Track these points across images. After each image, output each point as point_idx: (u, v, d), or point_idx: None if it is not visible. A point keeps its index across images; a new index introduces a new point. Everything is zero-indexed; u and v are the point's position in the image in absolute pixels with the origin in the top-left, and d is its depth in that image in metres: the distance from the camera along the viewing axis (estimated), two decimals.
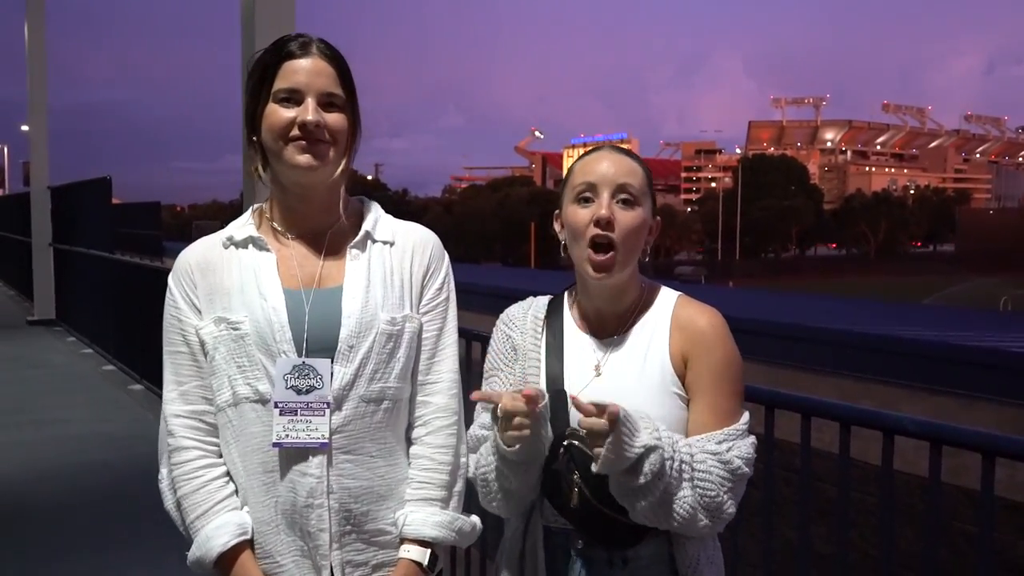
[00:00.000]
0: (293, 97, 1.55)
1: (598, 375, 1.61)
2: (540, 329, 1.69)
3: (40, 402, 7.34)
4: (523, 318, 1.72)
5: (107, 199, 10.37)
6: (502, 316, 1.77)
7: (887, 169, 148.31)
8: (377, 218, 1.69)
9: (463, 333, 1.91)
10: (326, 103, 1.56)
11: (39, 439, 6.18)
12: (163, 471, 1.64)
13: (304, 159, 1.54)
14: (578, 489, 1.52)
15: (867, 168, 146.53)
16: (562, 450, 1.54)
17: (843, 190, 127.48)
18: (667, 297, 1.66)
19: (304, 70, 1.55)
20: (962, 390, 11.68)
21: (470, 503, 1.71)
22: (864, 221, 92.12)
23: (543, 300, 1.75)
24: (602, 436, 1.40)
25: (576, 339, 1.66)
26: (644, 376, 1.58)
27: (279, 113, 1.55)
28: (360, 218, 1.68)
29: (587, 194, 1.60)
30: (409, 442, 1.67)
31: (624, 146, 1.83)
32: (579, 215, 1.60)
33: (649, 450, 1.42)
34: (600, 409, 1.39)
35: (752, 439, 1.57)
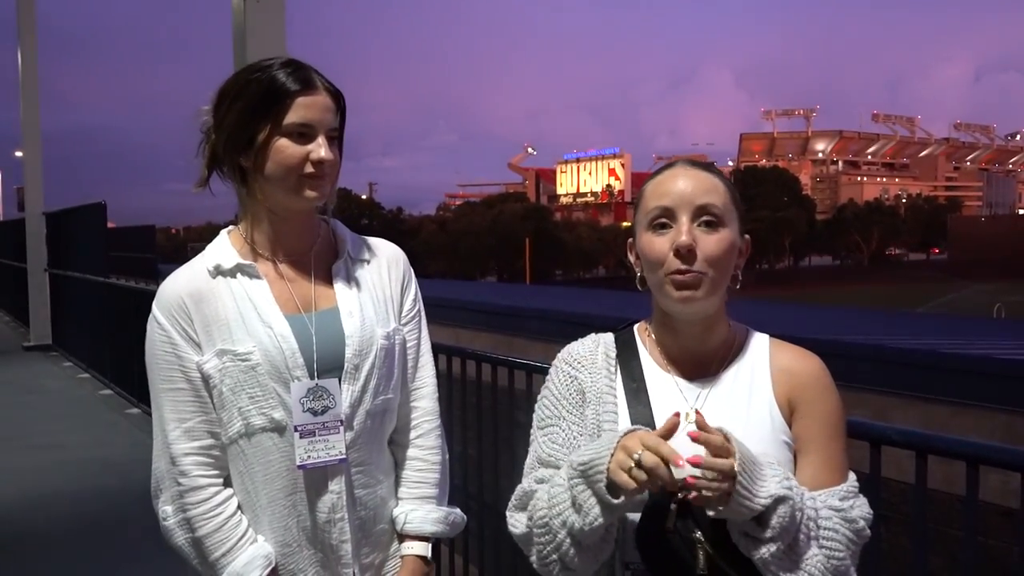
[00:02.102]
0: (304, 132, 1.56)
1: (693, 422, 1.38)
2: (613, 368, 1.48)
3: (37, 427, 7.33)
4: (591, 357, 1.49)
5: (102, 224, 10.39)
6: (562, 355, 1.54)
7: (878, 178, 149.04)
8: (350, 238, 1.75)
9: (437, 348, 2.01)
10: (330, 138, 1.60)
11: (37, 464, 6.18)
12: (167, 508, 1.62)
13: (314, 195, 1.59)
14: (703, 551, 1.29)
15: (858, 178, 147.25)
16: (674, 507, 1.29)
17: (835, 200, 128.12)
18: (759, 338, 1.49)
19: (317, 107, 1.57)
20: (954, 398, 11.73)
21: (452, 496, 1.84)
22: (857, 230, 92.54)
23: (608, 336, 1.53)
24: (728, 478, 1.21)
25: (660, 381, 1.45)
26: (752, 424, 1.38)
27: (294, 149, 1.56)
28: (331, 237, 1.74)
29: (663, 219, 1.39)
30: (391, 441, 1.76)
31: (616, 161, 1.76)
32: (656, 244, 1.39)
33: (779, 501, 1.24)
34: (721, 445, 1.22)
35: (864, 498, 1.40)
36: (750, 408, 1.40)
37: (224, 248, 1.66)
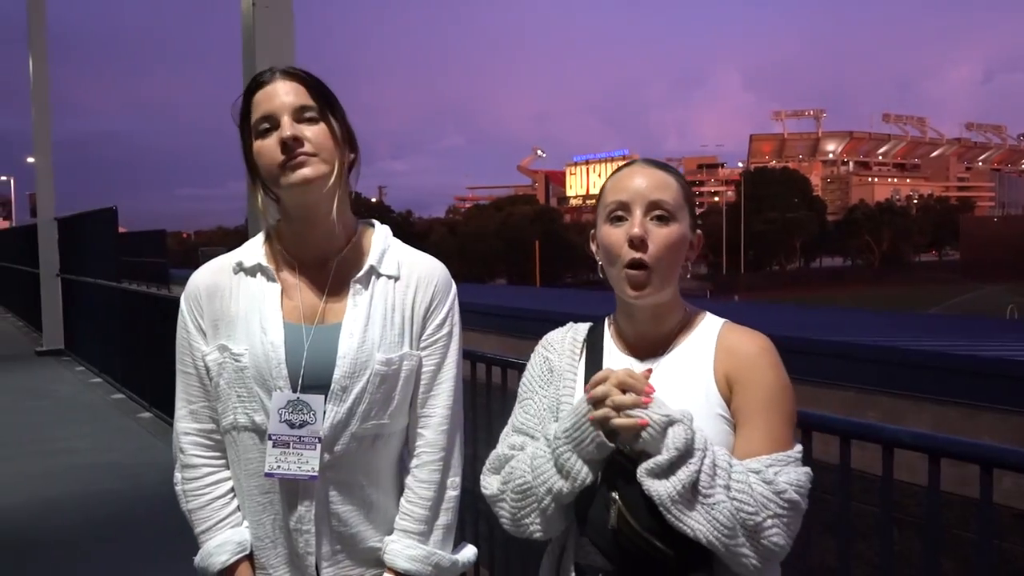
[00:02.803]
0: (271, 124, 1.57)
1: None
2: (578, 351, 1.65)
3: (49, 432, 7.37)
4: (561, 341, 1.68)
5: (113, 229, 10.44)
6: (541, 340, 1.72)
7: (889, 179, 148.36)
8: (384, 249, 1.68)
9: (469, 355, 1.91)
10: (301, 118, 1.57)
11: (49, 469, 6.20)
12: (177, 475, 1.71)
13: (296, 176, 1.55)
14: (616, 509, 1.43)
15: (869, 179, 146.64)
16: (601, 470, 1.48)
17: (846, 201, 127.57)
18: (712, 321, 1.60)
19: (271, 95, 1.58)
20: (967, 400, 11.65)
21: (464, 532, 1.75)
22: (868, 232, 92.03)
23: (583, 325, 1.70)
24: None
25: (616, 361, 1.60)
26: (688, 398, 1.50)
27: (265, 145, 1.57)
28: (368, 245, 1.68)
29: (619, 213, 1.54)
30: (403, 466, 1.71)
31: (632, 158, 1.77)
32: (612, 235, 1.54)
33: (672, 421, 1.37)
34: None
35: (807, 470, 1.45)
36: (688, 385, 1.52)
37: (254, 247, 1.69)
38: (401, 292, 1.66)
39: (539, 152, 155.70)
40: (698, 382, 1.52)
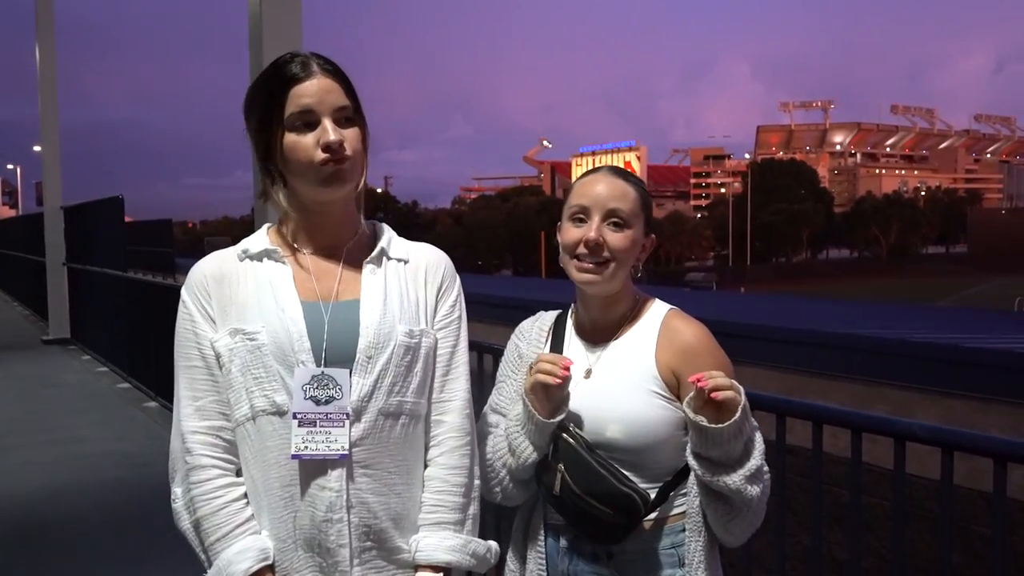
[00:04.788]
0: (308, 121, 1.53)
1: (587, 377, 1.76)
2: (544, 339, 1.86)
3: (56, 421, 7.38)
4: (530, 329, 1.89)
5: (119, 218, 10.44)
6: (516, 329, 1.92)
7: (897, 171, 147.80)
8: (391, 238, 1.70)
9: (474, 346, 1.93)
10: (339, 118, 1.55)
11: (55, 457, 6.22)
12: (176, 490, 1.60)
13: (336, 180, 1.54)
14: (561, 476, 1.68)
15: (877, 170, 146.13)
16: (551, 445, 1.70)
17: (853, 193, 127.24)
18: (658, 309, 1.80)
19: (312, 91, 1.54)
20: (976, 392, 11.60)
21: (484, 529, 1.70)
22: (875, 224, 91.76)
23: (551, 313, 1.90)
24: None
25: (573, 346, 1.82)
26: (627, 377, 1.72)
27: (301, 142, 1.54)
28: (374, 237, 1.70)
29: (580, 216, 1.75)
30: (425, 463, 1.64)
31: (632, 154, 1.85)
32: (571, 234, 1.75)
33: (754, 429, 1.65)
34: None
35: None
36: (629, 366, 1.73)
37: (259, 236, 1.67)
38: (412, 274, 1.67)
39: (545, 143, 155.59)
40: (639, 366, 1.72)
